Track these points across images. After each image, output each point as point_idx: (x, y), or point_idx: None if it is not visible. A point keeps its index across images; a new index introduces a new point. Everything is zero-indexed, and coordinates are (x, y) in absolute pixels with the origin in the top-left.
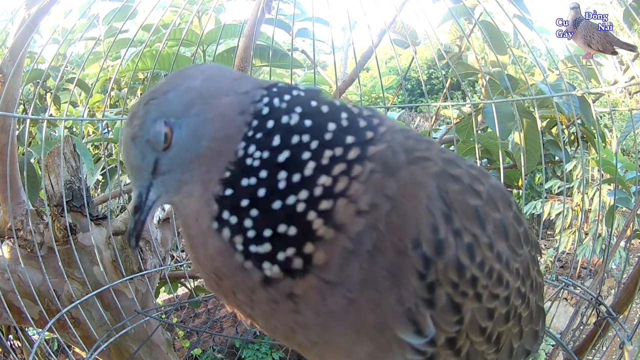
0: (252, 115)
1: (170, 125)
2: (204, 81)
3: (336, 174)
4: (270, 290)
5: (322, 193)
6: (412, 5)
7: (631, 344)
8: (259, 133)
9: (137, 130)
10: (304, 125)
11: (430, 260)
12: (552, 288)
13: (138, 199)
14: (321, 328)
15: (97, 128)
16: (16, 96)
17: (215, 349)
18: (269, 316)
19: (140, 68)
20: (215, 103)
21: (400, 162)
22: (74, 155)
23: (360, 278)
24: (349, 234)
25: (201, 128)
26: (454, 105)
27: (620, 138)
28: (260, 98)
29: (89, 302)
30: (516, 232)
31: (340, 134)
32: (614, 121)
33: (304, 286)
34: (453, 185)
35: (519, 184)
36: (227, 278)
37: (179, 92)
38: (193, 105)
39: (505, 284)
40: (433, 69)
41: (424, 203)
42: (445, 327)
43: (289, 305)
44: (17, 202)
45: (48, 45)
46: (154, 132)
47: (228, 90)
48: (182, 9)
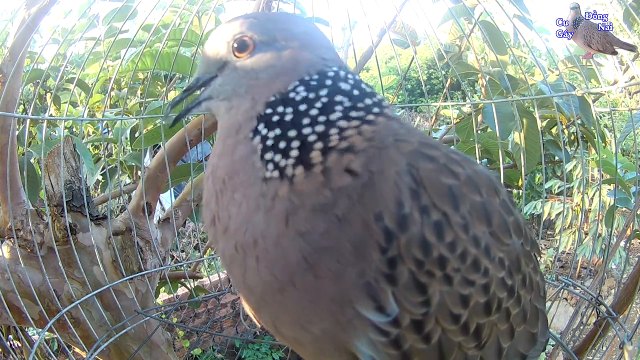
0: (317, 73)
1: (255, 42)
2: (302, 32)
3: (352, 125)
4: (264, 186)
5: (336, 132)
6: (412, 5)
7: (631, 344)
8: (315, 82)
9: (227, 31)
10: (351, 93)
11: (393, 234)
12: (552, 288)
13: (195, 81)
14: (280, 273)
15: (97, 128)
16: (16, 96)
17: (215, 349)
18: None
19: (140, 68)
20: (297, 50)
21: (387, 143)
22: (74, 155)
23: (325, 243)
24: (331, 182)
25: (274, 59)
26: (454, 105)
27: (620, 138)
28: (332, 65)
29: (89, 302)
30: (502, 220)
31: (362, 96)
32: (614, 121)
33: (284, 190)
34: (425, 164)
35: (519, 184)
36: (237, 175)
37: (278, 27)
38: (282, 39)
39: (484, 271)
40: (433, 69)
41: (392, 178)
42: (409, 307)
43: (269, 203)
44: (17, 202)
45: (48, 45)
46: (238, 40)
47: (313, 49)
48: (182, 9)
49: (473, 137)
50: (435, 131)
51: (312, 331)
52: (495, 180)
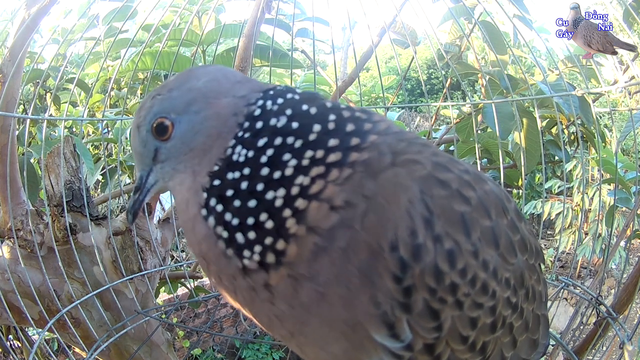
0: (245, 117)
1: (172, 120)
2: (207, 82)
3: (314, 175)
4: (248, 280)
5: (299, 192)
6: (412, 5)
7: (631, 344)
8: (248, 133)
9: (142, 121)
10: (290, 127)
11: (407, 265)
12: (552, 288)
13: (139, 180)
14: (296, 320)
15: (97, 128)
16: (16, 96)
17: (215, 349)
18: (250, 304)
19: (140, 68)
20: (214, 103)
21: (385, 164)
22: (74, 155)
23: (332, 273)
24: (320, 230)
25: (198, 125)
26: (454, 105)
27: (620, 138)
28: (255, 101)
29: (89, 302)
30: (509, 240)
31: (324, 136)
32: (614, 121)
33: (277, 278)
34: (439, 190)
35: (519, 183)
36: (213, 263)
37: (183, 91)
38: (194, 103)
39: (492, 294)
40: (433, 69)
41: (405, 206)
42: (422, 333)
43: (265, 295)
44: (17, 202)
45: (48, 45)
46: (155, 125)
47: (227, 92)
48: (182, 9)
49: (473, 137)
50: (435, 131)
51: (332, 351)
52: (504, 197)
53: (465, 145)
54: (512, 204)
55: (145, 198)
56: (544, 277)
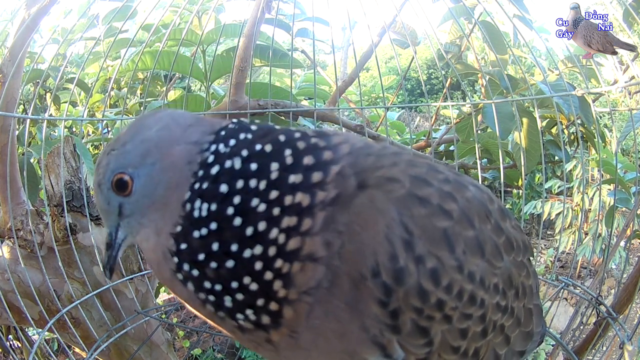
0: (199, 165)
1: (130, 174)
2: (159, 131)
3: (286, 228)
4: (248, 336)
5: (276, 252)
6: (412, 5)
7: (631, 344)
8: (206, 182)
9: (102, 178)
10: (250, 169)
11: (391, 289)
12: (552, 288)
13: (109, 237)
14: (300, 357)
15: (97, 128)
16: (16, 96)
17: (215, 349)
18: (255, 349)
19: (140, 68)
20: (169, 152)
21: (351, 189)
22: (74, 155)
23: (322, 312)
24: (312, 290)
25: (156, 177)
26: (454, 105)
27: (620, 138)
28: (208, 146)
29: (89, 302)
30: (494, 245)
31: (284, 173)
32: (614, 121)
33: (278, 336)
34: (419, 210)
35: (519, 183)
36: (208, 319)
37: (136, 143)
38: (148, 155)
39: (480, 303)
40: (433, 69)
41: (382, 232)
42: (414, 350)
43: (268, 347)
44: (17, 202)
45: (48, 45)
46: (115, 181)
47: (179, 140)
48: (182, 9)
49: (473, 137)
50: (435, 131)
51: None
52: (487, 200)
53: (465, 145)
54: (494, 204)
55: (118, 253)
56: (533, 268)
